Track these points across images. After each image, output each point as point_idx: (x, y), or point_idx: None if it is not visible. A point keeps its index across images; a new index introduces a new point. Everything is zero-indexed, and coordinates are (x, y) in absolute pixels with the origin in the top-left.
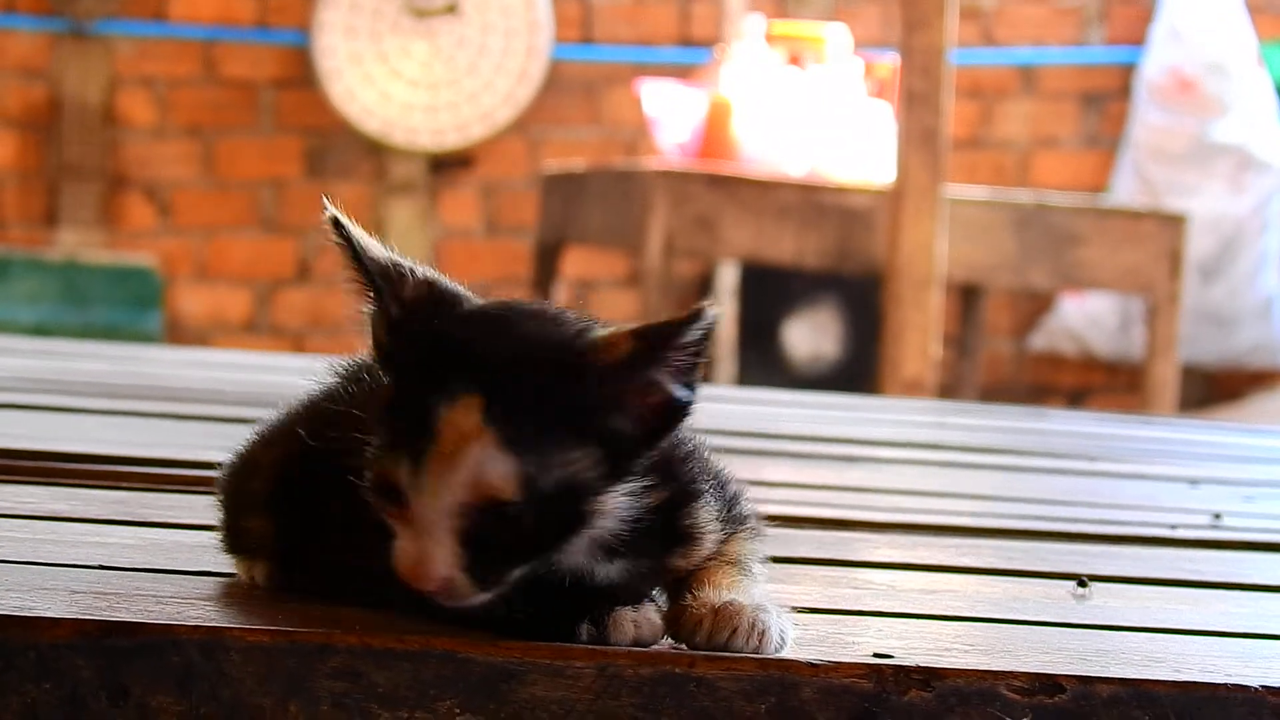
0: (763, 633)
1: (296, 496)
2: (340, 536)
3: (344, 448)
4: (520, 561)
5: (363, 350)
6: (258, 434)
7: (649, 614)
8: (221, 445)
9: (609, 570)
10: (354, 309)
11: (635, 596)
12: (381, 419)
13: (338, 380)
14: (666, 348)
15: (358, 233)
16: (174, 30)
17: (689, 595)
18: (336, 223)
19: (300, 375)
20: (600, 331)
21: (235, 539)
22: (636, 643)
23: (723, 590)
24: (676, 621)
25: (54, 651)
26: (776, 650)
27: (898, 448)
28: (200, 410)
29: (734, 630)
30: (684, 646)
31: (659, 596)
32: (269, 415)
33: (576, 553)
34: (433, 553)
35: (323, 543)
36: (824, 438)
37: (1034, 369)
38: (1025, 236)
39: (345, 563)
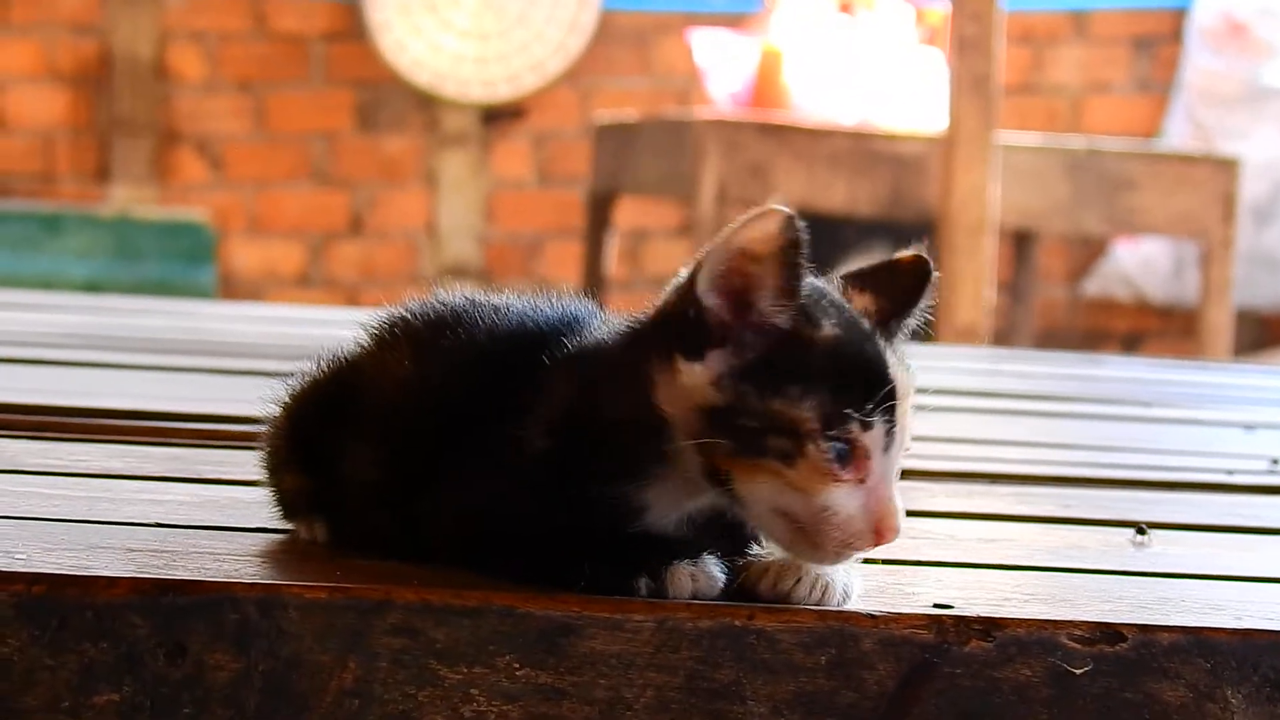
0: (826, 586)
1: (326, 452)
2: (372, 490)
3: (376, 400)
4: None
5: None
6: (286, 392)
7: (707, 567)
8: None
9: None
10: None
11: (691, 549)
12: (835, 388)
13: (368, 336)
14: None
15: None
16: None
17: (755, 547)
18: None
19: (353, 328)
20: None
21: (283, 499)
22: (695, 596)
23: None
24: (740, 572)
25: (111, 610)
26: (840, 604)
27: (952, 395)
28: (254, 365)
29: (798, 580)
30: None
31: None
32: (297, 372)
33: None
34: (900, 506)
35: (358, 498)
36: None
37: (1088, 314)
38: (1078, 182)
39: (377, 516)
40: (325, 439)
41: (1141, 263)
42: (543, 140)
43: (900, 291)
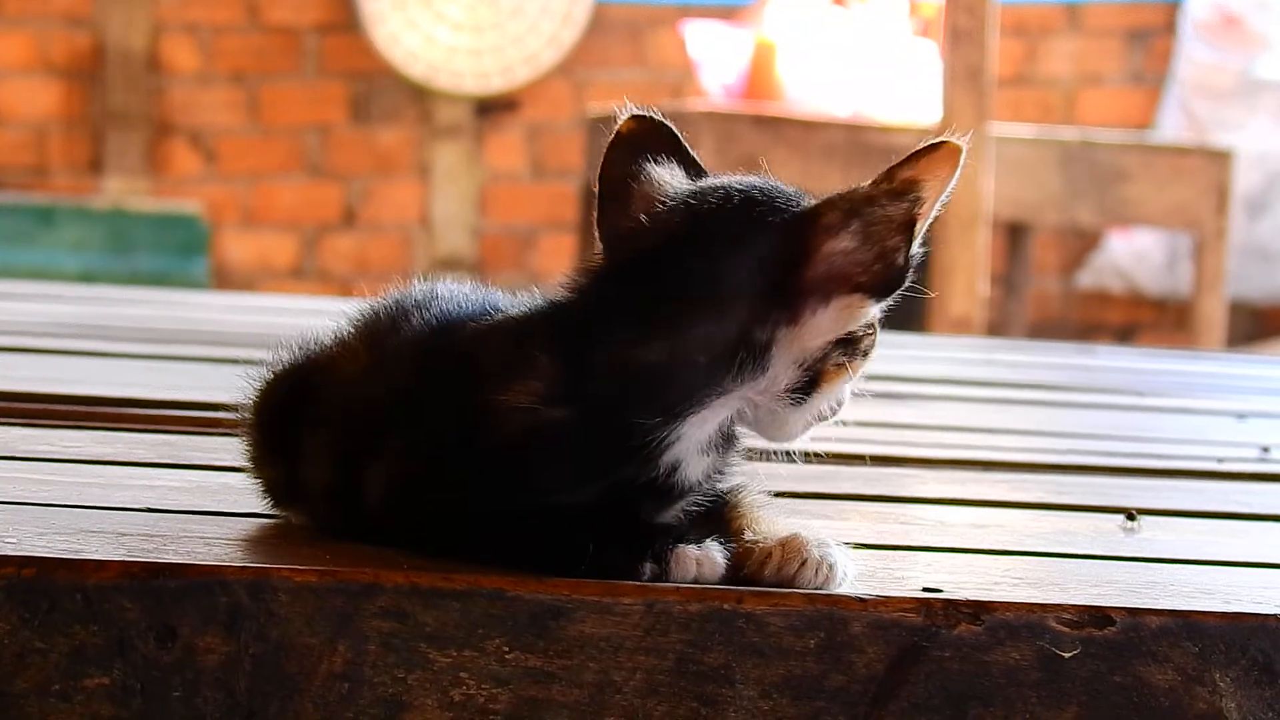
0: (831, 566)
1: (297, 441)
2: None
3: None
4: None
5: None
6: (257, 383)
7: (711, 552)
8: None
9: (700, 467)
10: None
11: (690, 521)
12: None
13: (344, 324)
14: None
15: None
16: None
17: (746, 533)
18: None
19: (342, 318)
20: None
21: (266, 489)
22: (697, 581)
23: (778, 526)
24: (742, 557)
25: (101, 593)
26: (838, 586)
27: (945, 384)
28: (246, 354)
29: (803, 563)
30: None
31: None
32: (267, 362)
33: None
34: None
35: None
36: (871, 375)
37: (1082, 306)
38: (1071, 174)
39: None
40: (293, 431)
41: (1135, 255)
42: (536, 132)
43: (679, 155)
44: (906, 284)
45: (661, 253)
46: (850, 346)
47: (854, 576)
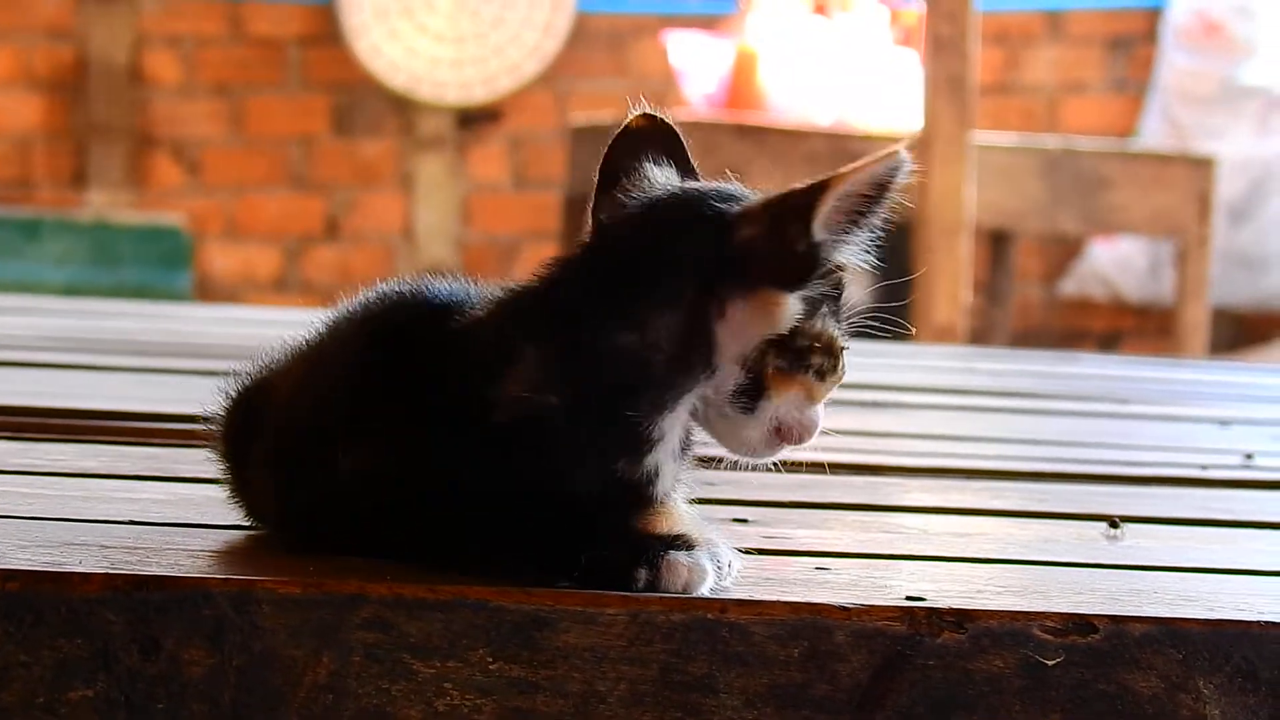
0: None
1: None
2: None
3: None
4: None
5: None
6: (222, 401)
7: (701, 561)
8: None
9: (671, 474)
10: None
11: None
12: (839, 312)
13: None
14: None
15: None
16: None
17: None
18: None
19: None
20: None
21: (244, 510)
22: (685, 590)
23: (678, 521)
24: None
25: (85, 606)
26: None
27: (927, 393)
28: (230, 367)
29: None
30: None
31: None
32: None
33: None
34: None
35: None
36: (854, 384)
37: (1065, 314)
38: (1054, 181)
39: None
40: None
41: (1118, 262)
42: (519, 143)
43: (678, 158)
44: (814, 274)
45: (622, 244)
46: (794, 356)
47: (734, 577)
